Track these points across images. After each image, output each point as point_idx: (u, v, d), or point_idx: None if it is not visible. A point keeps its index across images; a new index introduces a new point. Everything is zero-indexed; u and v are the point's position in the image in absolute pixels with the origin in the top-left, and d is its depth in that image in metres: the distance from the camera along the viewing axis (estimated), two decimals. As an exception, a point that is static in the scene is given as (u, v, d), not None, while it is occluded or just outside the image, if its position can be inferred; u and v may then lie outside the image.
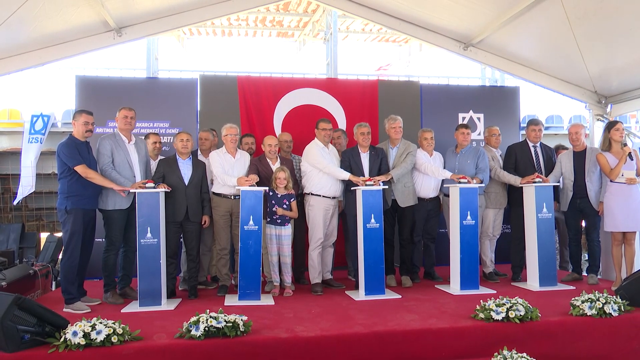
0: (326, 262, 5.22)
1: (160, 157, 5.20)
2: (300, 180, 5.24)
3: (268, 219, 4.86)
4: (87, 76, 6.29)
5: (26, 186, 6.43)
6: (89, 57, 6.33)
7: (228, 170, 4.94)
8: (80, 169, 4.34)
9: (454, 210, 4.96)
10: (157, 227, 4.38)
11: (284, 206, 4.86)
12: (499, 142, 5.70)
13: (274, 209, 4.83)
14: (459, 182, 4.94)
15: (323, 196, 5.02)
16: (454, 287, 4.91)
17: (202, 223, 4.89)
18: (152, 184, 4.44)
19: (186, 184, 4.78)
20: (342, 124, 6.39)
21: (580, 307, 3.78)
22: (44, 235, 6.73)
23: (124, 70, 6.96)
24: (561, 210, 5.36)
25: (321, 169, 4.97)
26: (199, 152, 5.34)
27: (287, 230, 4.88)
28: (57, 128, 7.36)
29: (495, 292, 4.69)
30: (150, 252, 4.34)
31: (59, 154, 4.37)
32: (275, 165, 5.07)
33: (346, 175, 4.91)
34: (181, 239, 4.99)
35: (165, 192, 4.59)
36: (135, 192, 4.42)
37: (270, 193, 4.85)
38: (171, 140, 5.86)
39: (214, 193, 5.02)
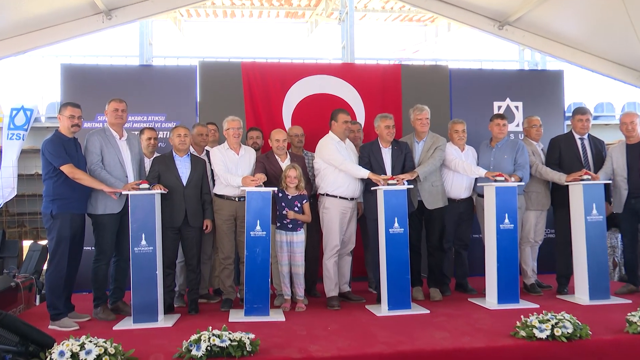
0: (343, 273, 5.22)
1: (156, 155, 5.23)
2: (314, 180, 5.26)
3: (278, 224, 4.88)
4: (73, 65, 6.34)
5: (6, 188, 6.48)
6: (75, 44, 6.43)
7: (231, 169, 4.96)
8: (67, 168, 4.37)
9: (490, 212, 4.93)
10: (153, 233, 4.40)
11: (296, 209, 4.86)
12: (540, 134, 5.67)
13: (284, 212, 4.84)
14: (495, 181, 4.90)
15: (340, 197, 5.03)
16: (490, 300, 4.89)
17: (204, 228, 4.92)
18: (146, 185, 4.46)
19: (184, 184, 4.80)
20: (360, 115, 6.40)
21: (638, 323, 3.72)
22: (26, 244, 6.78)
23: (115, 58, 6.99)
24: (614, 211, 5.29)
25: (337, 166, 4.98)
26: (191, 149, 5.36)
27: (300, 237, 4.89)
28: (40, 123, 7.43)
29: (538, 306, 4.67)
30: (145, 262, 4.36)
31: (44, 152, 4.41)
32: (284, 163, 5.08)
33: (365, 174, 4.90)
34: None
35: (162, 194, 4.62)
36: (127, 195, 4.44)
37: (280, 194, 4.87)
38: (167, 136, 5.89)
39: (215, 195, 5.05)
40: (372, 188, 4.88)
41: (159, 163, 4.86)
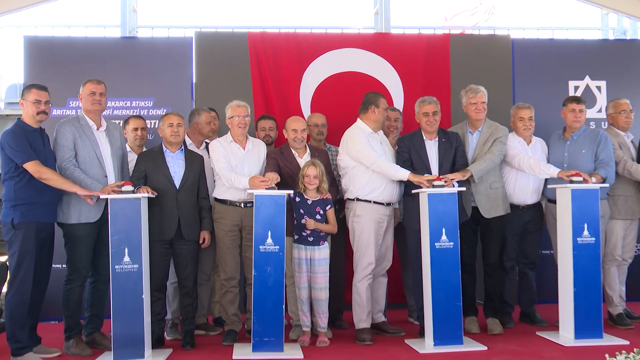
0: (377, 298, 5.23)
1: (144, 150, 5.31)
2: (340, 180, 5.27)
3: (295, 236, 4.91)
4: (39, 37, 6.41)
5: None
6: (41, 11, 6.48)
7: (236, 167, 5.00)
8: (32, 166, 4.41)
9: (564, 222, 4.88)
10: (139, 247, 4.43)
11: (317, 217, 4.88)
12: (630, 123, 5.62)
13: (302, 220, 4.86)
14: (571, 182, 4.86)
15: (374, 202, 5.04)
16: (566, 335, 4.84)
17: (201, 242, 4.97)
18: (130, 187, 4.49)
19: (177, 186, 4.84)
20: (397, 98, 6.40)
21: None
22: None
23: (91, 29, 7.05)
24: None
25: (369, 165, 4.98)
26: (188, 141, 5.41)
27: (323, 252, 4.91)
28: (-2, 110, 7.61)
29: (627, 342, 4.61)
30: (128, 284, 4.39)
31: (3, 147, 4.47)
32: (303, 159, 5.10)
33: (405, 174, 4.90)
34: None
35: (149, 199, 4.65)
36: (107, 199, 4.47)
37: (297, 198, 4.89)
38: (156, 125, 5.94)
39: (216, 199, 5.08)
40: (413, 191, 4.89)
41: (145, 160, 4.90)
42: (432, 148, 5.09)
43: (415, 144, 5.10)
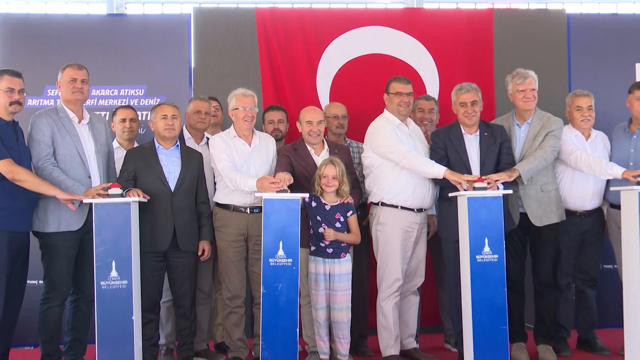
0: (407, 321, 5.25)
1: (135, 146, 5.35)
2: (363, 182, 5.28)
3: (311, 248, 4.92)
4: (12, 15, 6.44)
5: None
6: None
7: (241, 167, 5.02)
8: (4, 166, 4.43)
9: (630, 231, 4.80)
10: (128, 260, 4.44)
11: (338, 224, 4.89)
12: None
13: (320, 229, 4.87)
14: (638, 183, 4.79)
15: (402, 207, 5.06)
16: (633, 364, 4.89)
17: (199, 254, 5.00)
18: (118, 190, 4.50)
19: (172, 189, 4.88)
20: (432, 85, 6.39)
21: None
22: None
23: (72, 5, 7.00)
24: None
25: (398, 160, 4.99)
26: (186, 135, 5.45)
27: (344, 266, 4.90)
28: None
29: None
30: (116, 303, 4.40)
31: (-31, 143, 4.50)
32: (320, 157, 5.12)
33: (441, 171, 4.87)
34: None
35: (141, 204, 4.67)
36: (91, 204, 4.49)
37: (314, 203, 4.91)
38: (147, 118, 5.95)
39: (218, 204, 5.12)
40: (450, 194, 4.87)
41: (134, 158, 4.93)
42: (472, 144, 5.08)
43: (453, 138, 5.09)
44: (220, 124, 5.67)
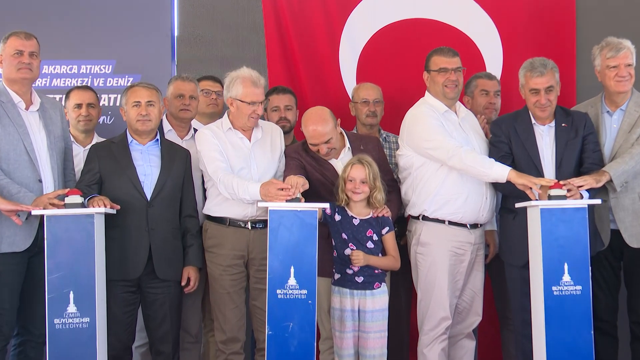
0: (458, 372, 5.24)
1: (95, 141, 5.34)
2: (400, 187, 5.28)
3: (335, 276, 4.91)
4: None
5: None
6: None
7: (240, 170, 5.02)
8: None
9: None
10: (91, 292, 4.42)
11: (370, 245, 4.85)
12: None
13: (347, 251, 4.84)
14: None
15: (450, 223, 5.07)
16: None
17: (184, 283, 5.00)
18: (78, 198, 4.49)
19: (148, 197, 4.88)
20: (493, 60, 6.42)
21: None
22: None
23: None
24: None
25: (445, 157, 4.96)
26: (166, 127, 5.46)
27: (378, 300, 4.86)
28: None
29: None
30: (75, 347, 4.38)
31: None
32: (339, 159, 5.13)
33: (504, 173, 4.81)
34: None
35: (108, 217, 4.67)
36: (42, 217, 4.49)
37: (338, 216, 4.90)
38: (117, 104, 5.98)
39: (209, 217, 5.13)
40: (516, 204, 4.84)
41: (100, 157, 4.93)
42: (545, 137, 5.05)
43: (519, 130, 5.07)
44: (219, 114, 5.66)
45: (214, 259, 5.02)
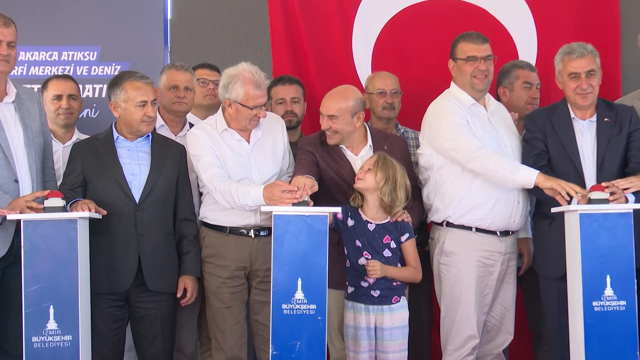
0: (486, 397, 5.22)
1: (77, 137, 5.36)
2: (422, 189, 5.30)
3: (348, 289, 4.91)
4: None
5: None
6: None
7: (239, 180, 5.00)
8: None
9: None
10: (73, 306, 4.41)
11: (388, 253, 4.85)
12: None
13: (361, 260, 4.83)
14: None
15: (477, 230, 5.08)
16: None
17: (179, 295, 5.00)
18: (59, 201, 4.49)
19: (137, 199, 4.90)
20: (527, 47, 6.39)
21: None
22: None
23: None
24: None
25: (465, 159, 4.98)
26: (158, 122, 5.41)
27: (398, 316, 4.85)
28: None
29: None
30: (54, 369, 4.35)
31: None
32: (359, 156, 5.16)
33: (530, 177, 4.81)
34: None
35: (93, 223, 4.66)
36: (19, 221, 4.49)
37: (351, 221, 4.90)
38: (102, 95, 6.00)
39: (205, 224, 5.16)
40: (553, 209, 4.81)
41: (84, 155, 4.95)
42: (586, 133, 5.03)
43: (557, 125, 5.05)
44: (217, 106, 5.65)
45: (212, 270, 5.01)
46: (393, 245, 4.82)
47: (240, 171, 5.00)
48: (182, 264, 4.94)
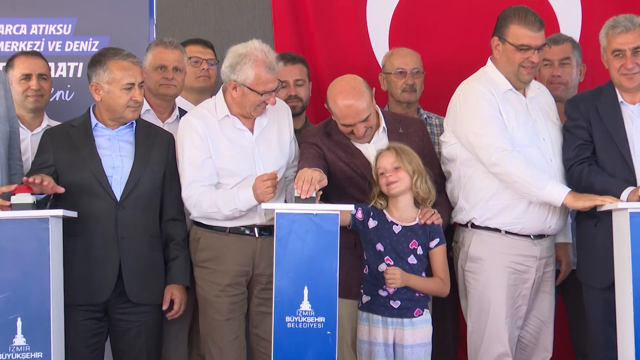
0: None
1: (47, 123, 5.38)
2: (445, 183, 5.34)
3: (363, 298, 4.91)
4: None
5: None
6: None
7: (243, 180, 5.02)
8: None
9: None
10: (44, 319, 4.40)
11: (413, 260, 4.85)
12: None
13: (381, 266, 4.83)
14: None
15: (508, 233, 5.09)
16: None
17: (165, 307, 5.00)
18: (28, 197, 4.48)
19: (118, 197, 4.90)
20: (569, 22, 6.39)
21: None
22: None
23: None
24: None
25: (487, 160, 4.98)
26: (144, 106, 5.41)
27: (421, 332, 4.84)
28: None
29: None
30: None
31: None
32: (377, 138, 5.17)
33: (558, 197, 4.83)
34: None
35: (67, 224, 4.66)
36: None
37: (373, 222, 4.90)
38: (77, 74, 6.01)
39: (198, 224, 5.13)
40: (600, 208, 4.81)
41: (56, 145, 4.95)
42: (636, 119, 5.02)
43: (602, 112, 5.04)
44: (212, 89, 5.61)
45: (208, 276, 5.00)
46: (420, 251, 4.81)
47: (242, 166, 5.01)
48: (169, 272, 4.93)
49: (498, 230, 5.02)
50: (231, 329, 4.98)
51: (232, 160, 5.00)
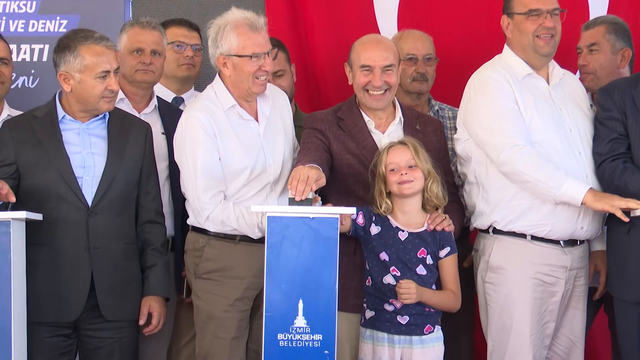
0: None
1: (7, 113, 5.40)
2: (461, 182, 5.47)
3: (367, 314, 4.96)
4: None
5: None
6: None
7: (256, 177, 5.09)
8: None
9: None
10: (5, 336, 4.45)
11: (422, 271, 4.88)
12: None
13: (385, 278, 4.84)
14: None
15: (533, 238, 5.11)
16: None
17: (142, 322, 5.05)
18: None
19: (90, 201, 4.91)
20: (598, 4, 6.43)
21: None
22: None
23: None
24: None
25: (495, 160, 5.04)
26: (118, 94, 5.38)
27: (431, 351, 4.90)
28: None
29: None
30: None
31: None
32: (387, 134, 5.25)
33: (578, 196, 4.86)
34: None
35: (30, 230, 4.69)
36: None
37: (376, 228, 4.94)
38: (42, 58, 6.03)
39: (199, 230, 5.16)
40: (634, 213, 4.84)
41: (17, 140, 4.96)
42: None
43: (639, 102, 5.01)
44: (195, 78, 5.63)
45: (215, 289, 5.00)
46: (429, 261, 4.82)
47: (252, 160, 5.02)
48: (146, 281, 4.94)
49: (523, 236, 5.02)
50: (237, 349, 5.03)
51: (240, 157, 4.99)
